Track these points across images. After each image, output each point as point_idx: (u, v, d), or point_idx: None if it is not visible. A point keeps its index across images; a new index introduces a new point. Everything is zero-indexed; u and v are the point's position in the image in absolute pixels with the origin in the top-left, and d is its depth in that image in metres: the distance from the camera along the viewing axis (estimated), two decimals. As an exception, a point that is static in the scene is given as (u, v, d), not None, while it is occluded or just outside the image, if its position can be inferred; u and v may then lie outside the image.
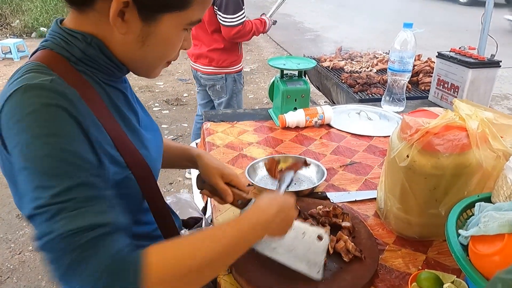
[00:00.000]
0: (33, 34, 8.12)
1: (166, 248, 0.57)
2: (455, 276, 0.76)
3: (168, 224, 0.82)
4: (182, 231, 0.87)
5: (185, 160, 1.00)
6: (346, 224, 0.92)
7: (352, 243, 0.85)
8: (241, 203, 0.89)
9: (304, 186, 1.15)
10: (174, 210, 1.00)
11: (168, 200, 1.07)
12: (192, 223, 1.00)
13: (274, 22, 2.81)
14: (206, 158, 0.96)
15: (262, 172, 1.22)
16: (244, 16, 2.40)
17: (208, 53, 2.52)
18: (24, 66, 0.63)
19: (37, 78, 0.58)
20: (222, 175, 0.92)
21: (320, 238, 0.77)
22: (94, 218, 0.53)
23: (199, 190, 0.96)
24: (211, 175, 0.93)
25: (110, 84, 0.71)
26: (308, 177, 1.20)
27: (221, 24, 2.37)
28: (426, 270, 0.78)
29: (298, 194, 1.08)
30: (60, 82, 0.59)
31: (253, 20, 2.57)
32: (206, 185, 0.94)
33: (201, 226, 0.94)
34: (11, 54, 6.40)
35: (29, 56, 0.68)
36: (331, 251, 0.85)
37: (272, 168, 0.84)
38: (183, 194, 1.08)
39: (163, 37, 0.67)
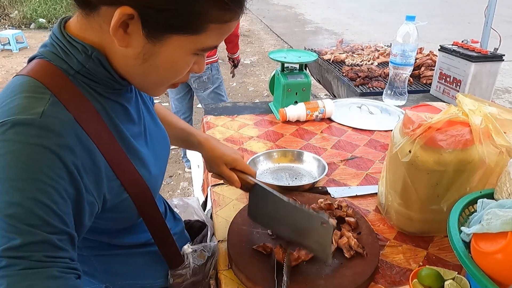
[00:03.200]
0: (32, 25, 8.07)
1: None
2: (456, 272, 0.75)
3: (166, 241, 0.79)
4: (185, 246, 0.84)
5: (187, 145, 1.01)
6: (350, 219, 0.92)
7: (355, 240, 0.85)
8: (246, 187, 0.91)
9: (305, 181, 1.15)
10: (179, 212, 0.99)
11: (175, 202, 1.05)
12: (197, 226, 0.99)
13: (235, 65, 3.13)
14: (208, 147, 0.96)
15: (262, 166, 1.21)
16: None
17: None
18: (17, 82, 0.57)
19: (27, 110, 0.53)
20: (225, 163, 0.93)
21: (324, 223, 0.75)
22: (43, 282, 0.51)
23: (210, 173, 0.99)
24: (215, 165, 0.95)
25: (109, 97, 0.65)
26: (309, 171, 1.20)
27: None
28: (427, 266, 0.77)
29: (299, 189, 1.08)
30: (54, 111, 0.55)
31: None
32: (213, 170, 0.97)
33: (206, 234, 0.93)
34: (10, 45, 6.37)
35: (27, 60, 0.63)
36: (335, 244, 0.84)
37: (279, 255, 0.81)
38: (190, 198, 1.06)
39: (168, 60, 0.60)
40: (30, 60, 0.62)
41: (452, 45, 1.74)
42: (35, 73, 0.58)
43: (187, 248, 0.84)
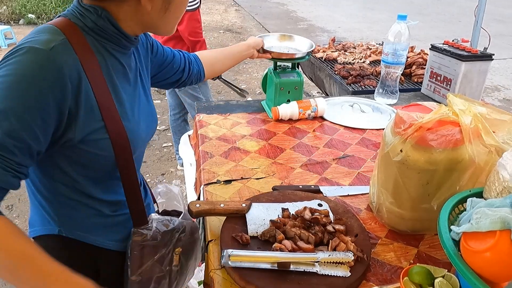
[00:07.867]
0: (21, 21, 7.94)
1: None
2: (446, 270, 0.76)
3: (136, 198, 0.86)
4: (153, 214, 0.92)
5: (244, 55, 1.40)
6: (339, 227, 0.89)
7: (354, 244, 0.83)
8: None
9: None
10: (161, 198, 1.02)
11: (159, 189, 1.10)
12: (175, 215, 1.02)
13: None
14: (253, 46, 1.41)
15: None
16: (197, 3, 2.48)
17: (164, 43, 2.52)
18: (42, 27, 0.74)
19: (42, 43, 0.69)
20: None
21: None
22: None
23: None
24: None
25: (115, 55, 0.81)
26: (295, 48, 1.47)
27: None
28: (417, 264, 0.78)
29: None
30: (63, 48, 0.70)
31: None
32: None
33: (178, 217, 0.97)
34: (-2, 41, 6.26)
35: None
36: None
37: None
38: (174, 187, 1.08)
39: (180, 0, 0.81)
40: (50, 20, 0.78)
41: (443, 44, 1.76)
42: (55, 23, 0.75)
43: (154, 215, 0.91)
